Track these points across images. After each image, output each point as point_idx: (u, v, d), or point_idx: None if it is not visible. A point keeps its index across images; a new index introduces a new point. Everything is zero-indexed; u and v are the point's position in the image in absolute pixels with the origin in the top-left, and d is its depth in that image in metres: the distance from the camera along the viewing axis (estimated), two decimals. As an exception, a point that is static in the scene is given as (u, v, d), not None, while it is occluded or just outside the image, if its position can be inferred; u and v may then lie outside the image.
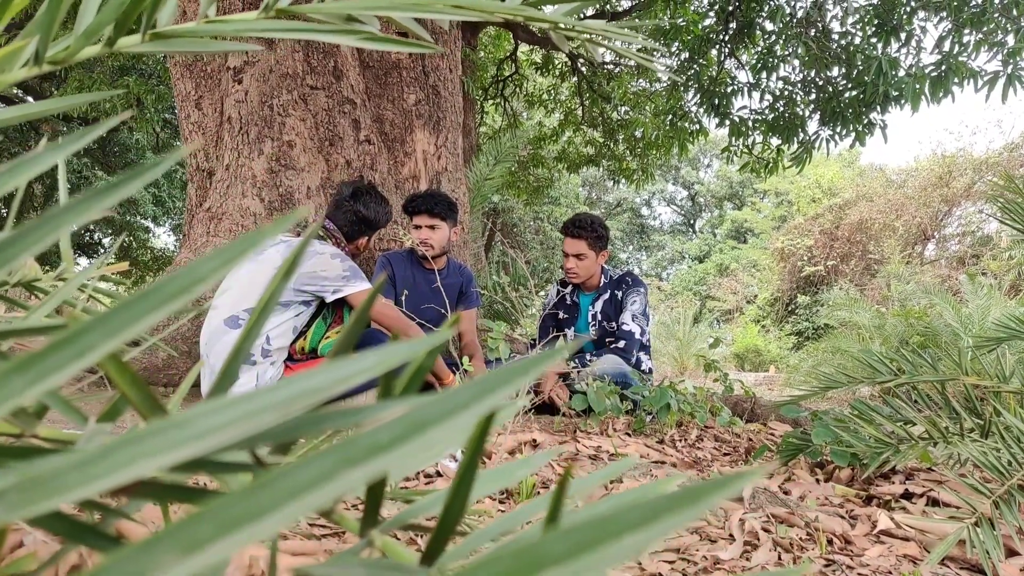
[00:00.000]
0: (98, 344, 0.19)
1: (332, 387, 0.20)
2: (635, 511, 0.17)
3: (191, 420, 0.18)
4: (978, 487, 1.25)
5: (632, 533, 0.16)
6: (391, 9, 0.52)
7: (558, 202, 20.42)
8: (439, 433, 0.18)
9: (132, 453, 0.16)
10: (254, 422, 0.18)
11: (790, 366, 11.72)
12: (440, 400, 0.19)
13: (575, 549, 0.16)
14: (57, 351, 0.18)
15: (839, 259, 15.43)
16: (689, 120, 6.68)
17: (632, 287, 3.09)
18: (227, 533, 0.15)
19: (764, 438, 2.45)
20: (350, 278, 2.32)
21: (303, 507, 0.16)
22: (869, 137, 5.30)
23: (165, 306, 0.20)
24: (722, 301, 20.24)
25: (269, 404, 0.19)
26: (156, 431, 0.17)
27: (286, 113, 3.30)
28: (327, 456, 0.17)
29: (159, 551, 0.15)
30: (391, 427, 0.18)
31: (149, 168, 0.25)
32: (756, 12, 5.77)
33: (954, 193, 13.95)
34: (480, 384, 0.19)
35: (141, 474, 0.15)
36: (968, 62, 4.79)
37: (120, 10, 0.42)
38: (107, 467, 0.15)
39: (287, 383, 0.20)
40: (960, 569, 1.16)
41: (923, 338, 7.39)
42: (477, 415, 0.18)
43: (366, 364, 0.21)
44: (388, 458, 0.18)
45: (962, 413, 1.55)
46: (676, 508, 0.17)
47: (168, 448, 0.16)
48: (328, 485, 0.17)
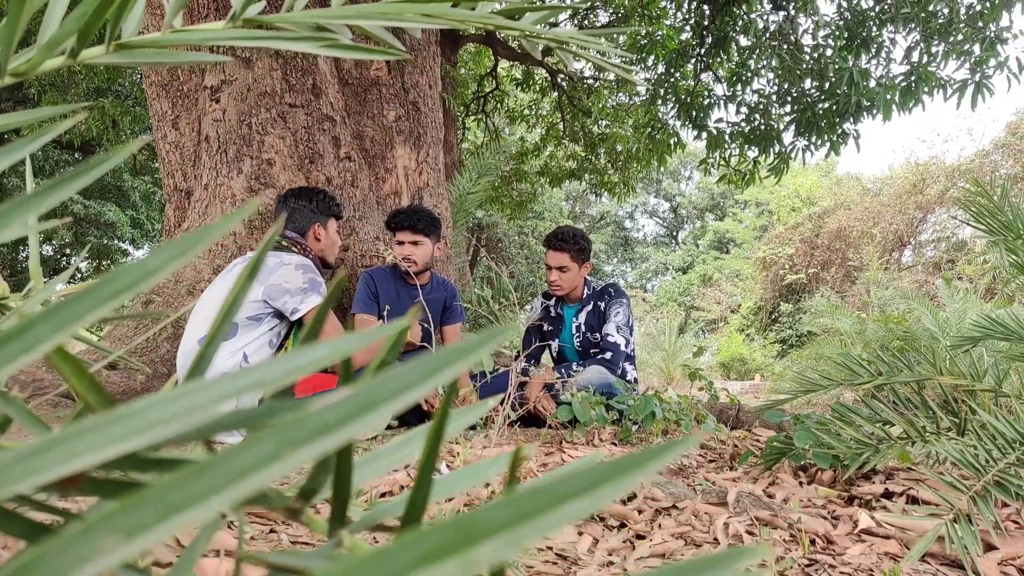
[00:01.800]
0: (47, 337, 0.19)
1: (282, 378, 0.20)
2: (573, 480, 0.18)
3: (138, 412, 0.18)
4: (956, 484, 1.26)
5: (571, 501, 0.17)
6: (359, 18, 0.53)
7: (542, 216, 20.51)
8: (382, 412, 0.18)
9: (77, 445, 0.16)
10: (203, 413, 0.18)
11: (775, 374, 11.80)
12: (386, 381, 0.19)
13: (515, 518, 0.16)
14: (5, 344, 0.19)
15: (820, 267, 15.59)
16: (667, 133, 6.76)
17: (615, 298, 3.11)
18: (171, 515, 0.15)
19: (749, 444, 2.46)
20: (308, 291, 2.31)
21: (247, 487, 0.16)
22: (843, 147, 5.39)
23: (113, 300, 0.20)
24: (706, 311, 20.37)
25: (218, 395, 0.19)
26: (102, 423, 0.17)
27: (265, 131, 3.30)
28: (273, 437, 0.17)
29: (101, 535, 0.15)
30: (338, 407, 0.18)
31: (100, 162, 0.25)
32: (730, 26, 5.86)
33: (928, 200, 14.18)
34: (425, 364, 0.19)
35: (86, 465, 0.16)
36: (937, 71, 4.89)
37: (83, 21, 0.42)
38: (52, 459, 0.16)
39: (239, 375, 0.20)
40: (940, 565, 1.17)
41: (903, 342, 7.48)
42: (421, 394, 0.19)
43: (318, 355, 0.21)
44: (335, 438, 0.18)
45: (939, 412, 1.58)
46: (614, 477, 0.18)
47: (114, 440, 0.16)
48: (274, 465, 0.17)
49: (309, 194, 2.61)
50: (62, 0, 0.45)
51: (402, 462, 0.35)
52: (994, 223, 1.62)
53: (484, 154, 5.97)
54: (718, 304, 20.11)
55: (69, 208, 11.77)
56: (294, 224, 2.56)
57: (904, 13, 4.98)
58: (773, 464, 1.85)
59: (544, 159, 10.95)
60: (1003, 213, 1.46)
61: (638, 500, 1.46)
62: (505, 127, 13.70)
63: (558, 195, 21.99)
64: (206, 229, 0.22)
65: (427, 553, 0.14)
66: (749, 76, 5.80)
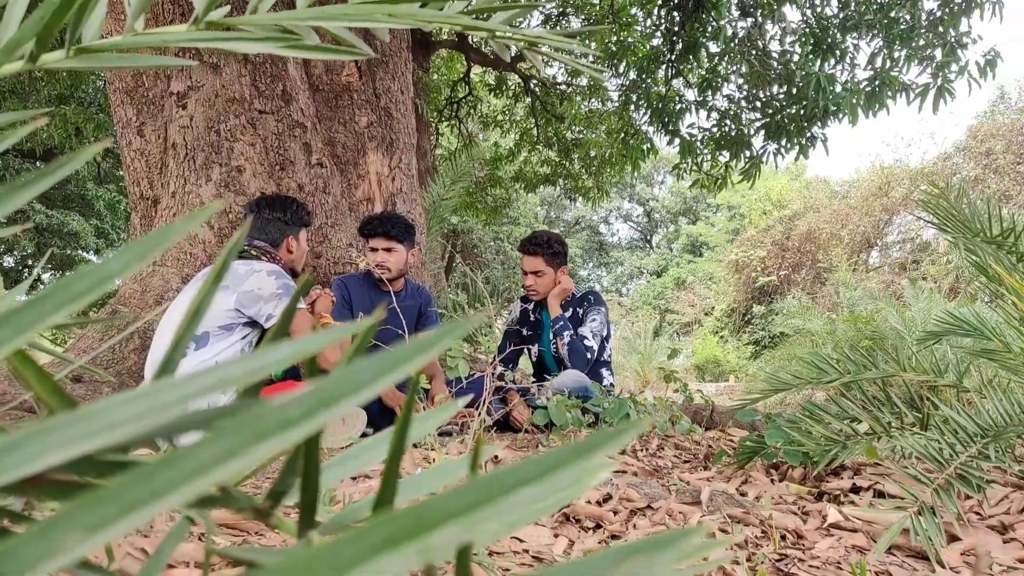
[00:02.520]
0: (6, 340, 0.19)
1: (246, 377, 0.21)
2: (530, 466, 0.18)
3: (100, 412, 0.18)
4: (920, 477, 1.29)
5: (528, 486, 0.18)
6: (323, 19, 0.53)
7: (517, 222, 20.55)
8: (340, 407, 0.18)
9: (39, 445, 0.16)
10: (166, 412, 0.18)
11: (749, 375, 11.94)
12: (346, 375, 0.19)
13: (473, 503, 0.17)
14: None
15: (791, 269, 15.82)
16: (640, 139, 6.82)
17: (593, 305, 3.12)
18: (133, 510, 0.15)
19: (723, 444, 2.49)
20: (282, 297, 2.30)
21: (209, 481, 0.17)
22: (812, 150, 5.49)
23: (74, 303, 0.21)
24: (681, 314, 20.56)
25: (184, 394, 0.19)
26: (65, 423, 0.17)
27: (234, 138, 3.27)
28: (236, 432, 0.18)
29: (63, 531, 0.15)
30: (300, 402, 0.19)
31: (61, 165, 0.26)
32: (700, 33, 5.94)
33: (893, 202, 14.48)
34: (384, 359, 0.20)
35: (48, 465, 0.16)
36: (900, 76, 5.01)
37: (41, 24, 0.42)
38: (13, 459, 0.16)
39: (203, 375, 0.20)
40: (905, 557, 1.20)
41: (871, 341, 7.63)
42: (381, 389, 0.19)
43: (283, 353, 0.22)
44: (297, 431, 0.18)
45: (903, 408, 1.61)
46: (569, 462, 0.18)
47: (77, 439, 0.17)
48: (236, 460, 0.17)
49: (283, 205, 2.58)
50: (20, 2, 0.44)
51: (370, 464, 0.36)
52: (953, 224, 1.67)
53: (458, 160, 5.97)
54: (692, 307, 20.30)
55: (31, 217, 11.52)
56: (266, 235, 2.53)
57: (867, 20, 5.10)
58: (746, 463, 1.87)
59: (518, 164, 10.98)
60: (961, 213, 1.50)
61: (613, 501, 1.47)
62: (479, 132, 13.72)
63: (533, 200, 22.04)
64: (167, 228, 0.22)
65: (384, 540, 0.15)
66: (719, 82, 5.89)
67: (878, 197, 14.70)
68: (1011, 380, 1.66)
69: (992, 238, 1.41)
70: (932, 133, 28.03)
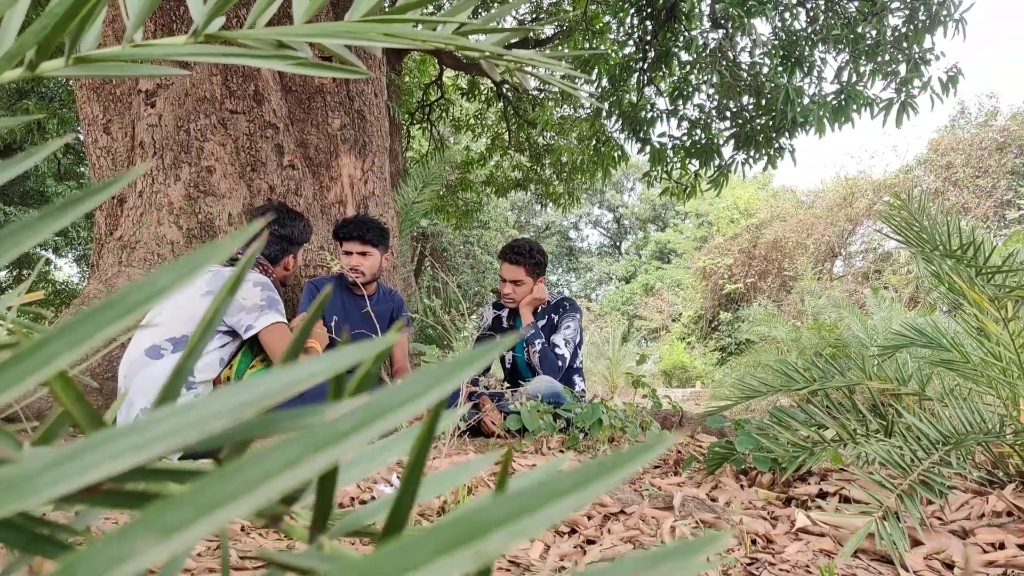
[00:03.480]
0: (61, 353, 0.20)
1: (282, 391, 0.21)
2: (565, 479, 0.19)
3: (145, 426, 0.19)
4: (884, 483, 1.33)
5: (565, 497, 0.19)
6: (323, 36, 0.54)
7: (487, 226, 20.54)
8: (392, 419, 0.19)
9: (90, 458, 0.17)
10: (206, 426, 0.19)
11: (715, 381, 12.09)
12: (395, 391, 0.20)
13: (517, 512, 0.18)
14: (21, 362, 0.19)
15: (757, 276, 16.08)
16: (611, 146, 6.88)
17: (568, 312, 3.14)
18: (203, 516, 0.16)
19: (692, 449, 2.53)
20: (264, 309, 2.27)
21: (273, 489, 0.17)
22: (780, 160, 5.60)
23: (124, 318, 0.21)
24: (649, 320, 20.74)
25: (220, 409, 0.20)
26: (111, 437, 0.18)
27: (204, 138, 3.23)
28: (293, 443, 0.19)
29: (137, 536, 0.16)
30: (352, 416, 0.20)
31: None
32: (672, 42, 6.02)
33: (857, 213, 14.82)
34: (429, 375, 0.21)
35: (100, 477, 0.16)
36: (865, 90, 5.14)
37: (42, 34, 0.42)
38: (69, 471, 0.16)
39: (240, 388, 0.21)
40: (871, 561, 1.23)
41: (835, 349, 7.79)
42: (429, 403, 0.20)
43: (315, 368, 0.22)
44: (350, 443, 0.19)
45: (868, 416, 1.66)
46: (602, 475, 0.20)
47: (123, 452, 0.17)
48: (296, 469, 0.18)
49: (291, 224, 2.55)
50: (19, 12, 0.44)
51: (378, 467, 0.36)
52: (913, 235, 1.72)
53: (429, 163, 5.96)
54: (660, 313, 20.50)
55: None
56: (268, 249, 2.51)
57: (835, 34, 5.22)
58: (716, 468, 1.91)
59: (490, 169, 10.99)
60: (921, 225, 1.55)
61: (587, 506, 1.49)
62: (450, 136, 13.71)
63: (503, 205, 22.08)
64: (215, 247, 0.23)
65: (441, 546, 0.16)
66: (690, 91, 5.97)
67: (842, 207, 15.04)
68: (971, 389, 1.72)
69: (951, 251, 1.46)
70: (895, 146, 28.77)
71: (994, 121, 14.39)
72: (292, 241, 2.55)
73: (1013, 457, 1.54)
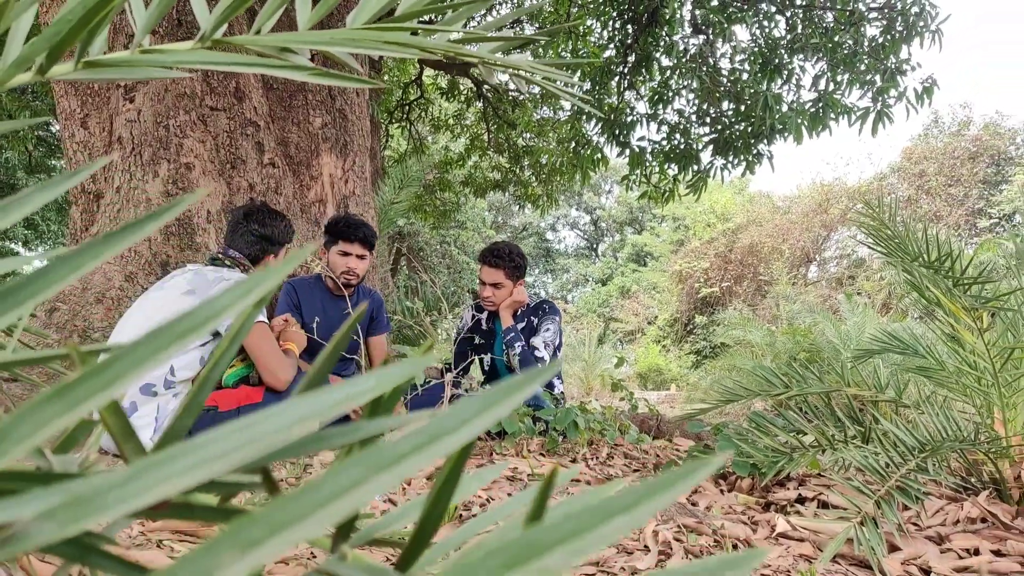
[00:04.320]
0: (126, 373, 0.20)
1: (330, 411, 0.22)
2: (619, 499, 0.20)
3: (206, 444, 0.19)
4: (862, 488, 1.35)
5: (619, 516, 0.19)
6: (330, 44, 0.54)
7: (464, 226, 20.52)
8: (451, 442, 0.20)
9: (159, 475, 0.17)
10: (266, 442, 0.19)
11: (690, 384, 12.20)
12: (449, 415, 0.21)
13: (576, 531, 0.18)
14: (90, 380, 0.19)
15: (733, 280, 16.25)
16: (591, 149, 6.92)
17: (548, 314, 3.14)
18: (279, 532, 0.16)
19: (670, 453, 2.55)
20: None
21: (344, 507, 0.18)
22: (758, 167, 5.66)
23: (186, 337, 0.21)
24: (625, 322, 20.86)
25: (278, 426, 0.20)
26: (175, 456, 0.18)
27: (183, 134, 3.18)
28: (359, 463, 0.19)
29: (221, 551, 0.16)
30: (412, 438, 0.20)
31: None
32: (653, 47, 6.07)
33: (832, 219, 15.05)
34: (481, 401, 0.21)
35: (170, 493, 0.16)
36: (842, 99, 5.22)
37: (55, 40, 0.42)
38: (139, 488, 0.16)
39: (290, 406, 0.21)
40: (849, 565, 1.26)
41: (809, 354, 7.91)
42: (482, 427, 0.21)
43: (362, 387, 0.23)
44: (409, 463, 0.20)
45: (846, 422, 1.68)
46: (653, 495, 0.20)
47: (189, 469, 0.17)
48: (364, 487, 0.18)
49: (271, 223, 2.51)
50: (26, 18, 0.44)
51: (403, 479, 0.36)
52: (892, 246, 1.75)
53: (408, 163, 5.95)
54: (636, 316, 20.63)
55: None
56: (247, 250, 2.47)
57: (813, 43, 5.30)
58: (695, 472, 1.92)
59: (468, 169, 10.98)
60: (900, 237, 1.58)
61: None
62: (429, 136, 13.67)
63: (481, 205, 22.07)
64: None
65: (508, 561, 0.16)
66: (670, 96, 6.02)
67: (818, 213, 15.27)
68: (946, 397, 1.75)
69: (931, 263, 1.49)
70: (869, 154, 29.35)
71: (967, 131, 14.72)
72: (272, 241, 2.51)
73: (987, 464, 1.57)
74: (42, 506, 0.17)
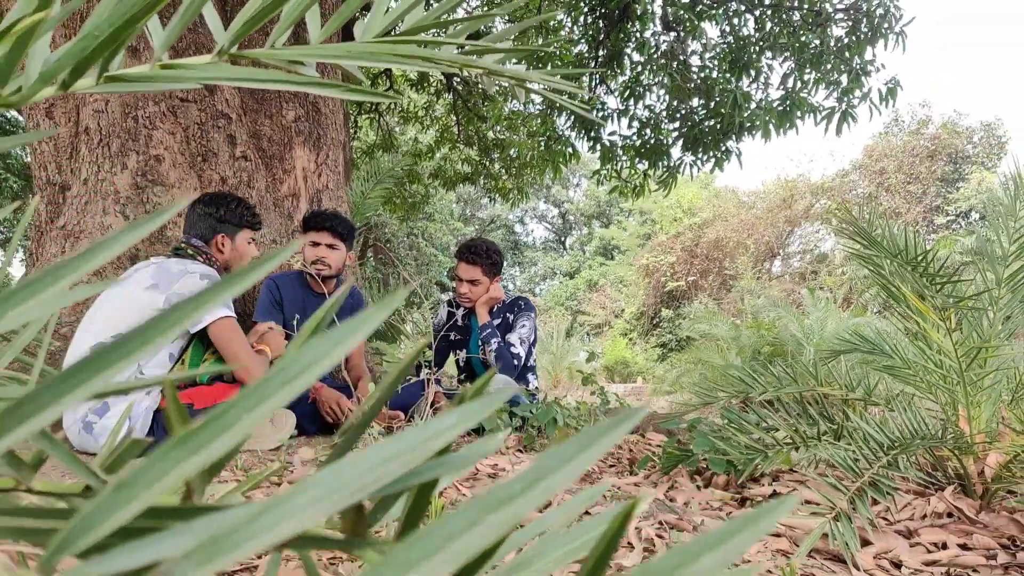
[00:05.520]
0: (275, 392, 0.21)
1: (444, 435, 0.23)
2: (714, 537, 0.21)
3: (330, 478, 0.20)
4: (836, 485, 1.40)
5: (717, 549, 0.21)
6: (343, 58, 0.54)
7: (432, 218, 20.43)
8: (556, 481, 0.21)
9: (284, 511, 0.18)
10: (383, 472, 0.21)
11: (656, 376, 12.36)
12: (553, 455, 0.22)
13: (682, 563, 0.20)
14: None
15: (699, 275, 16.47)
16: (563, 143, 6.95)
17: (523, 311, 3.16)
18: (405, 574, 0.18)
19: (643, 448, 2.59)
20: None
21: (463, 551, 0.19)
22: (727, 163, 5.75)
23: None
24: (592, 315, 21.02)
25: (395, 453, 0.21)
26: (297, 492, 0.20)
27: (153, 126, 3.12)
28: (474, 506, 0.20)
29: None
30: (521, 480, 0.22)
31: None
32: (624, 43, 6.11)
33: (796, 214, 15.34)
34: (580, 440, 0.23)
35: (299, 529, 0.18)
36: (808, 98, 5.33)
37: (81, 56, 0.42)
38: (267, 524, 0.18)
39: (404, 438, 0.22)
40: (824, 560, 1.30)
41: (773, 348, 8.07)
42: (585, 466, 0.22)
43: (447, 423, 0.24)
44: (520, 503, 0.21)
45: (818, 419, 1.73)
46: (746, 529, 0.22)
47: (311, 504, 0.19)
48: (478, 528, 0.20)
49: (217, 202, 2.48)
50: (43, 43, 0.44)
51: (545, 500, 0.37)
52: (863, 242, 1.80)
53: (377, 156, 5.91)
54: (603, 309, 20.80)
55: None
56: (197, 231, 2.44)
57: (781, 42, 5.39)
58: (671, 469, 1.96)
59: (438, 162, 10.92)
60: (883, 235, 1.63)
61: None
62: (397, 127, 13.56)
63: (449, 197, 21.99)
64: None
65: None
66: (641, 91, 6.07)
67: (782, 209, 15.55)
68: (913, 395, 1.82)
69: (908, 261, 1.55)
70: (832, 151, 30.04)
71: (926, 129, 15.11)
72: (218, 219, 2.47)
73: (951, 460, 1.64)
74: (185, 544, 0.18)
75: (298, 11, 0.52)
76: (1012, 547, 1.33)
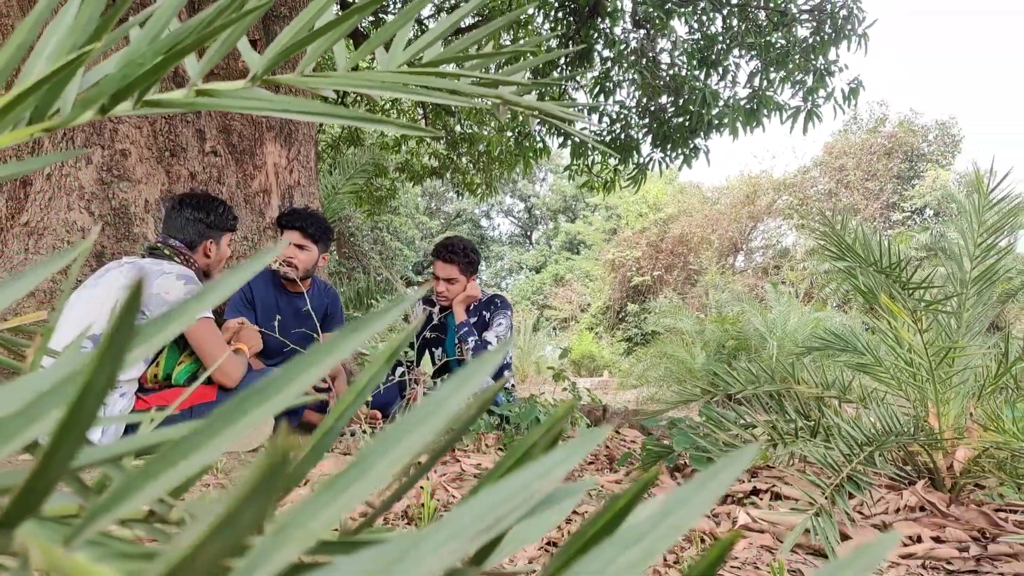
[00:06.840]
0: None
1: (547, 475, 0.24)
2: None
3: (459, 518, 0.21)
4: (816, 481, 1.44)
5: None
6: (371, 87, 0.54)
7: (397, 211, 20.27)
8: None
9: (431, 546, 0.19)
10: (517, 503, 0.21)
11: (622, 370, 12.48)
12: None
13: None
14: None
15: (664, 269, 16.66)
16: (532, 139, 6.95)
17: (500, 309, 3.17)
18: None
19: (619, 444, 2.62)
20: None
21: None
22: (695, 160, 5.82)
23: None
24: (558, 310, 21.10)
25: (511, 492, 0.22)
26: (443, 526, 0.20)
27: (119, 119, 3.04)
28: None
29: None
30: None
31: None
32: (594, 39, 6.14)
33: (758, 210, 15.62)
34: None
35: (445, 565, 0.18)
36: (775, 97, 5.42)
37: (122, 83, 0.41)
38: (413, 561, 0.18)
39: (519, 476, 0.23)
40: (806, 555, 1.34)
41: (737, 342, 8.21)
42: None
43: (556, 458, 0.25)
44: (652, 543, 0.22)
45: (795, 417, 1.78)
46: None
47: (451, 539, 0.19)
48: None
49: (207, 207, 2.43)
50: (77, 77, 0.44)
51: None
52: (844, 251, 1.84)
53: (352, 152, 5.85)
54: (569, 303, 20.90)
55: None
56: (183, 235, 2.38)
57: (748, 41, 5.48)
58: (651, 466, 2.00)
59: (405, 156, 10.83)
60: (857, 247, 1.67)
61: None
62: (364, 120, 13.37)
63: (414, 191, 21.84)
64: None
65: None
66: (611, 88, 6.11)
67: (745, 205, 15.81)
68: (885, 392, 1.88)
69: (883, 268, 1.60)
70: (794, 148, 30.60)
71: (883, 127, 15.49)
72: (210, 225, 2.43)
73: (921, 455, 1.70)
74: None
75: (328, 43, 0.52)
76: (983, 539, 1.39)
